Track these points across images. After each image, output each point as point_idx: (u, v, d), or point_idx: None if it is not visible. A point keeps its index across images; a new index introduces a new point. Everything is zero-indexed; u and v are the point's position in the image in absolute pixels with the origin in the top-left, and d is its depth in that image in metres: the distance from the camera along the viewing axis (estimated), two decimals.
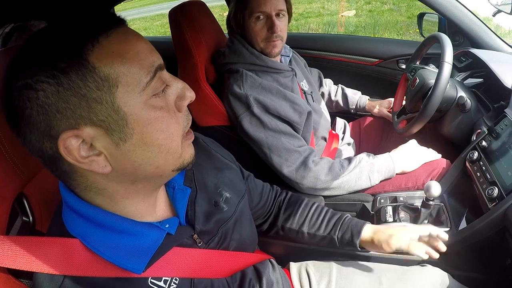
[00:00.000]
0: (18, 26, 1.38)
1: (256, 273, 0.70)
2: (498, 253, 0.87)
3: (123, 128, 0.41)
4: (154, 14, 8.23)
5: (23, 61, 0.39)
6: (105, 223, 0.47)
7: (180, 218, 0.55)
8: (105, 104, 0.40)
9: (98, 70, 0.39)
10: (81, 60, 0.38)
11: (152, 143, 0.44)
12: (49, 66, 0.38)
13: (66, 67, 0.38)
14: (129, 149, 0.43)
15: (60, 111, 0.39)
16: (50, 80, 0.38)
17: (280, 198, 0.88)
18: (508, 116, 0.93)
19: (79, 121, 0.40)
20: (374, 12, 5.85)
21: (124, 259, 0.47)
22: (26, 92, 0.38)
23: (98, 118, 0.40)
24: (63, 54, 0.38)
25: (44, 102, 0.38)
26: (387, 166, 1.09)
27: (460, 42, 1.42)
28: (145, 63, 0.42)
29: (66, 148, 0.40)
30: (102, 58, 0.39)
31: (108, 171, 0.43)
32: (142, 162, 0.44)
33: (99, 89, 0.39)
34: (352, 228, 0.81)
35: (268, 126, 1.05)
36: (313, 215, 0.85)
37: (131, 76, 0.41)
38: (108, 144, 0.42)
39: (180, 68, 1.17)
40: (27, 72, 0.38)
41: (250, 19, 1.05)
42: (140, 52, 0.42)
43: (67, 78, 0.38)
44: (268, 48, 1.09)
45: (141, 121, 0.42)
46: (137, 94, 0.41)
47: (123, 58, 0.40)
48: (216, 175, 0.66)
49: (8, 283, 0.47)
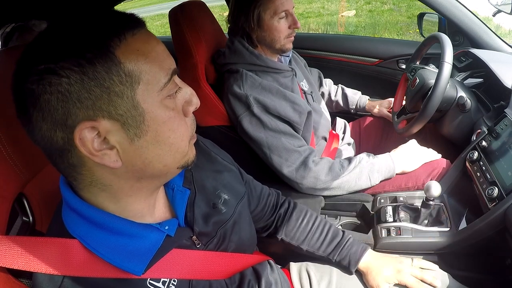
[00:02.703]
0: (19, 25, 1.39)
1: (255, 274, 0.70)
2: (498, 253, 0.87)
3: (139, 124, 0.42)
4: (154, 14, 8.24)
5: (45, 48, 0.39)
6: (105, 224, 0.47)
7: (179, 219, 0.55)
8: (125, 99, 0.40)
9: (123, 65, 0.40)
10: (109, 53, 0.39)
11: (164, 141, 0.45)
12: (75, 54, 0.38)
13: (93, 57, 0.38)
14: (142, 146, 0.43)
15: (81, 100, 0.39)
16: (76, 68, 0.38)
17: (281, 211, 0.87)
18: (508, 116, 0.93)
19: (98, 113, 0.40)
20: (374, 12, 5.85)
21: (124, 261, 0.47)
22: (48, 77, 0.38)
23: (117, 112, 0.41)
24: (90, 44, 0.39)
25: (66, 89, 0.38)
26: (387, 166, 1.09)
27: (460, 42, 1.42)
28: (164, 65, 0.43)
29: (81, 139, 0.40)
30: (128, 54, 0.40)
31: (118, 166, 0.43)
32: (152, 159, 0.45)
33: (122, 84, 0.40)
34: (350, 256, 0.82)
35: (268, 126, 1.05)
36: (314, 234, 0.85)
37: (152, 75, 0.42)
38: (122, 139, 0.42)
39: (180, 68, 1.17)
40: (51, 57, 0.38)
41: (273, 18, 1.05)
42: (159, 54, 0.43)
43: (92, 69, 0.38)
44: (287, 44, 1.11)
45: (156, 119, 0.43)
46: (155, 93, 0.42)
47: (146, 57, 0.41)
48: (215, 177, 0.66)
49: (8, 283, 0.47)
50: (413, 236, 0.92)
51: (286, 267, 0.88)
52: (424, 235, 0.93)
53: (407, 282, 0.78)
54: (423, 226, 0.94)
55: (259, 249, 0.85)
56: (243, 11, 1.06)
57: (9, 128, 0.53)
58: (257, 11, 1.05)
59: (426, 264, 0.82)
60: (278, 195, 0.89)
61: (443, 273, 0.82)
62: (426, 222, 0.96)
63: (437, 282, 0.78)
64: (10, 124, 0.53)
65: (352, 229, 1.13)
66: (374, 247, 0.96)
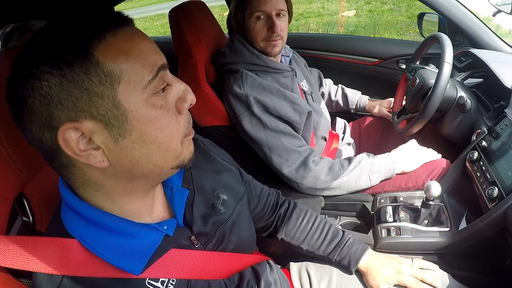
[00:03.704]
0: (18, 26, 1.39)
1: (254, 274, 0.70)
2: (498, 253, 0.87)
3: (122, 124, 0.42)
4: (154, 14, 8.23)
5: (30, 52, 0.40)
6: (104, 223, 0.47)
7: (178, 219, 0.56)
8: (106, 99, 0.40)
9: (102, 65, 0.40)
10: (87, 54, 0.39)
11: (151, 140, 0.44)
12: (54, 58, 0.39)
13: (71, 59, 0.39)
14: (127, 145, 0.43)
15: (62, 102, 0.39)
16: (55, 71, 0.39)
17: (281, 210, 0.87)
18: (508, 116, 0.93)
19: (80, 114, 0.40)
20: (374, 12, 5.85)
21: (123, 260, 0.47)
22: (31, 81, 0.39)
23: (99, 112, 0.41)
24: (69, 47, 0.39)
25: (47, 92, 0.39)
26: (387, 166, 1.09)
27: (460, 42, 1.42)
28: (149, 62, 0.43)
29: (65, 140, 0.41)
30: (107, 54, 0.40)
31: (105, 166, 0.43)
32: (140, 159, 0.44)
33: (101, 84, 0.40)
34: (350, 256, 0.82)
35: (268, 126, 1.05)
36: (314, 234, 0.85)
37: (133, 74, 0.41)
38: (106, 139, 0.42)
39: (180, 68, 1.17)
40: (33, 62, 0.39)
41: (250, 19, 1.06)
42: (144, 51, 0.43)
43: (71, 71, 0.39)
44: (268, 48, 1.09)
45: (141, 118, 0.43)
46: (138, 92, 0.42)
47: (128, 55, 0.41)
48: (214, 178, 0.66)
49: (7, 283, 0.47)
50: (413, 236, 0.92)
51: (286, 267, 0.88)
52: (424, 235, 0.93)
53: (407, 282, 0.78)
54: (423, 226, 0.94)
55: (258, 249, 0.85)
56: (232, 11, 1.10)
57: (9, 128, 0.53)
58: (240, 11, 1.07)
59: (426, 265, 0.82)
60: (278, 195, 0.89)
61: (443, 273, 0.82)
62: (426, 222, 0.96)
63: (437, 282, 0.78)
64: (10, 124, 0.53)
65: (352, 229, 1.13)
66: (374, 247, 0.96)
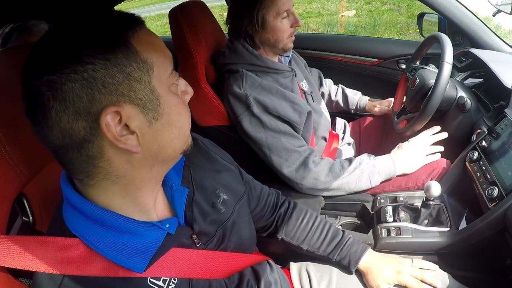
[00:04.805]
0: (17, 26, 1.38)
1: (254, 274, 0.70)
2: (498, 253, 0.87)
3: (156, 108, 0.45)
4: (154, 14, 8.24)
5: (64, 39, 0.41)
6: (106, 221, 0.47)
7: (179, 218, 0.56)
8: (144, 84, 0.44)
9: (139, 53, 0.43)
10: (126, 43, 0.43)
11: (175, 124, 0.48)
12: (98, 44, 0.41)
13: (113, 46, 0.41)
14: (158, 129, 0.46)
15: (106, 86, 0.41)
16: (99, 55, 0.40)
17: (281, 210, 0.87)
18: (508, 116, 0.93)
19: (120, 98, 0.42)
20: (374, 12, 5.84)
21: (125, 258, 0.47)
22: (71, 65, 0.39)
23: (137, 96, 0.43)
24: (110, 35, 0.42)
25: (91, 75, 0.40)
26: (388, 168, 1.08)
27: (460, 42, 1.42)
28: (168, 55, 0.48)
29: (106, 124, 0.42)
30: (141, 44, 0.44)
31: (139, 151, 0.45)
32: (165, 143, 0.48)
33: (140, 70, 0.43)
34: (350, 256, 0.82)
35: (268, 126, 1.05)
36: (314, 234, 0.85)
37: (161, 64, 0.46)
38: (141, 123, 0.44)
39: (180, 68, 1.17)
40: (72, 47, 0.40)
41: (276, 19, 1.06)
42: (162, 47, 0.48)
43: (115, 56, 0.41)
44: (289, 43, 1.12)
45: (168, 103, 0.47)
46: (165, 80, 0.47)
47: (155, 47, 0.46)
48: (214, 177, 0.66)
49: (8, 283, 0.47)
50: (413, 236, 0.92)
51: (286, 267, 0.88)
52: (424, 235, 0.93)
53: (407, 282, 0.78)
54: (423, 226, 0.94)
55: (258, 249, 0.85)
56: (247, 14, 1.06)
57: (9, 128, 0.53)
58: (261, 13, 1.05)
59: (426, 265, 0.82)
60: (278, 195, 0.89)
61: (443, 273, 0.82)
62: (426, 222, 0.96)
63: (437, 283, 0.78)
64: (10, 124, 0.53)
65: (352, 229, 1.13)
66: (374, 247, 0.96)
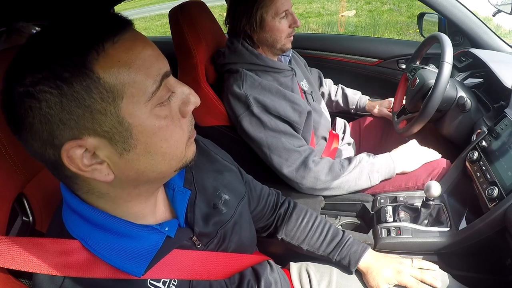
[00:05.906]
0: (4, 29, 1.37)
1: (254, 274, 0.70)
2: (498, 253, 0.87)
3: (127, 139, 0.41)
4: (154, 14, 8.22)
5: (24, 65, 0.38)
6: (106, 225, 0.47)
7: (179, 220, 0.55)
8: (109, 116, 0.39)
9: (103, 81, 0.37)
10: (86, 70, 0.37)
11: (156, 151, 0.43)
12: (52, 76, 0.36)
13: (70, 77, 0.36)
14: (132, 158, 0.42)
15: (64, 121, 0.38)
16: (54, 90, 0.36)
17: (281, 210, 0.87)
18: (508, 116, 0.93)
19: (83, 131, 0.39)
20: (374, 12, 5.85)
21: (124, 262, 0.47)
22: (28, 101, 0.37)
23: (102, 129, 0.39)
24: (67, 62, 0.36)
25: (46, 112, 0.37)
26: (387, 166, 1.09)
27: (460, 42, 1.42)
28: (152, 71, 0.40)
29: (69, 157, 0.39)
30: (107, 68, 0.38)
31: (111, 179, 0.42)
32: (145, 169, 0.44)
33: (104, 101, 0.38)
34: (350, 256, 0.82)
35: (268, 126, 1.05)
36: (314, 233, 0.85)
37: (136, 87, 0.39)
38: (111, 153, 0.41)
39: (180, 68, 1.17)
40: (28, 79, 0.36)
41: (275, 19, 1.06)
42: (146, 60, 0.40)
43: (71, 89, 0.37)
44: (287, 44, 1.11)
45: (146, 132, 0.41)
46: (142, 105, 0.40)
47: (129, 67, 0.39)
48: (215, 178, 0.66)
49: (8, 283, 0.47)
50: (413, 236, 0.92)
51: (286, 267, 0.88)
52: (424, 235, 0.93)
53: (407, 283, 0.78)
54: (423, 226, 0.94)
55: (259, 249, 0.85)
56: (245, 13, 1.05)
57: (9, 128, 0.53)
58: (259, 12, 1.05)
59: (426, 265, 0.82)
60: (278, 195, 0.89)
61: (443, 273, 0.82)
62: (426, 222, 0.96)
63: (437, 283, 0.78)
64: None
65: (352, 229, 1.13)
66: (374, 247, 0.96)
